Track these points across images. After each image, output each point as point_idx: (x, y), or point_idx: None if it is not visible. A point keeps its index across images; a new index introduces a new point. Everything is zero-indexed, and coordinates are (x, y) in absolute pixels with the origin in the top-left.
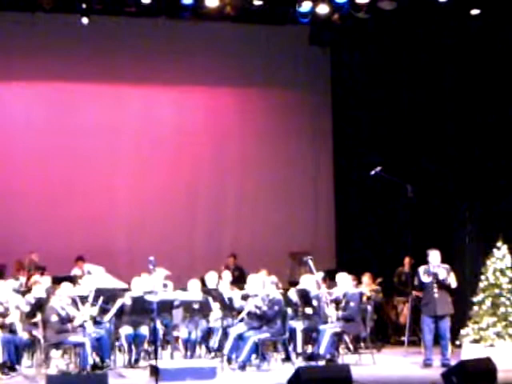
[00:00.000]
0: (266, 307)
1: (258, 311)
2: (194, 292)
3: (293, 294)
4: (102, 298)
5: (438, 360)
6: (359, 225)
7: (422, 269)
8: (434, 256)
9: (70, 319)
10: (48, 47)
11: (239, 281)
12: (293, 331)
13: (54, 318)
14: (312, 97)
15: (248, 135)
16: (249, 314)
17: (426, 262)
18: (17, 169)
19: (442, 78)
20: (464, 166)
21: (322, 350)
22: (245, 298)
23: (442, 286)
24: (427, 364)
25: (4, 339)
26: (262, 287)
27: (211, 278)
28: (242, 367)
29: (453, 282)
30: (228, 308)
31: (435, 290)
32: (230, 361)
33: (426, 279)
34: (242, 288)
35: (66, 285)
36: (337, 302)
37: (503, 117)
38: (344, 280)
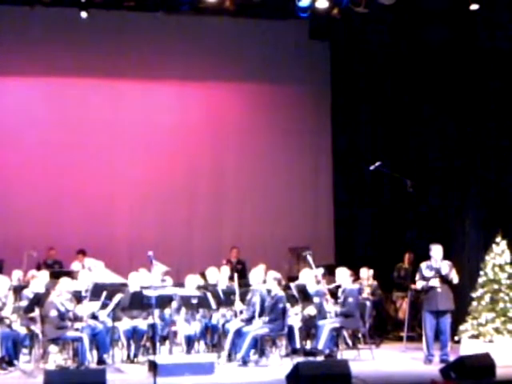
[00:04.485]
0: (269, 307)
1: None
2: (190, 288)
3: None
4: (104, 294)
5: (437, 356)
6: (358, 220)
7: (424, 264)
8: (437, 250)
9: (72, 317)
10: (47, 41)
11: (242, 275)
12: (291, 327)
13: (53, 313)
14: (311, 91)
15: (247, 130)
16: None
17: (425, 258)
18: (15, 164)
19: (442, 72)
20: (464, 161)
21: (320, 346)
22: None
23: (445, 281)
24: (430, 360)
25: (2, 334)
26: (263, 282)
27: (212, 274)
28: (244, 363)
29: (455, 277)
30: (224, 304)
31: (438, 284)
32: (230, 356)
33: (428, 274)
34: (242, 284)
35: (65, 280)
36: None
37: (504, 110)
38: (343, 275)
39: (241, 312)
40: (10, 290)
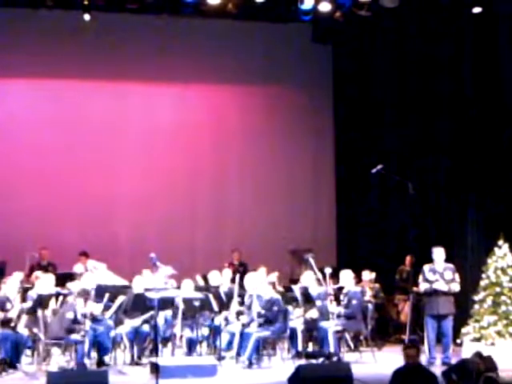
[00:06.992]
0: (264, 310)
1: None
2: (186, 292)
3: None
4: (107, 296)
5: (439, 358)
6: (360, 223)
7: (427, 267)
8: (439, 253)
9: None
10: (50, 44)
11: (244, 278)
12: (293, 330)
13: (69, 315)
14: (314, 94)
15: (249, 132)
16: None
17: (427, 260)
18: (18, 165)
19: (444, 75)
20: (466, 163)
21: (331, 349)
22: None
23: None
24: (431, 363)
25: (3, 335)
26: (257, 287)
27: (214, 277)
28: (249, 365)
29: (456, 286)
30: (226, 306)
31: (441, 288)
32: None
33: (431, 277)
34: (244, 286)
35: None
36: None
37: (504, 112)
38: (347, 277)
39: (238, 314)
40: (19, 293)
